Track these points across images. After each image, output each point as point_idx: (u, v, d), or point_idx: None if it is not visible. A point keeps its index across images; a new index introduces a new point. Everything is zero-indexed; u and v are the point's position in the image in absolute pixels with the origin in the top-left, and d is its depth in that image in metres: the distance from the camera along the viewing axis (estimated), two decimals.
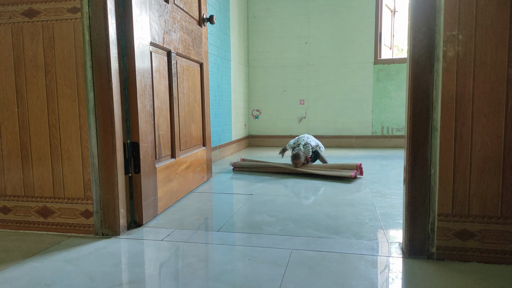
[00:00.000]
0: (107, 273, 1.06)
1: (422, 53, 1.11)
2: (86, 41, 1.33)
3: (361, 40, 4.31)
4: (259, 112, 4.67)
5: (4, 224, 1.46)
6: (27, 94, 1.39)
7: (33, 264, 1.14)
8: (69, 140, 1.38)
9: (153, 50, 1.60)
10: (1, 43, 1.38)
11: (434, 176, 1.12)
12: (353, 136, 4.43)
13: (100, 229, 1.39)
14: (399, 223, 1.49)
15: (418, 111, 1.12)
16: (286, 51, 4.52)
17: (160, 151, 1.68)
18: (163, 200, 1.70)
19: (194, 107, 2.15)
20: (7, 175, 1.44)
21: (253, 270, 1.07)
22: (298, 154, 2.68)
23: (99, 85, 1.34)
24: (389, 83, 4.30)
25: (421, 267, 1.09)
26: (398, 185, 2.22)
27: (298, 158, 2.65)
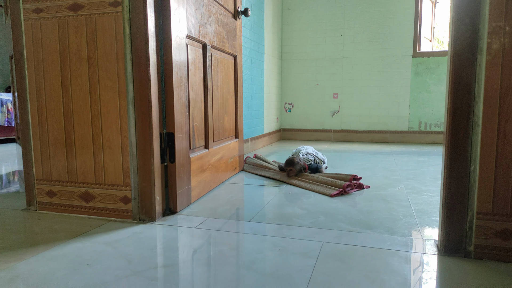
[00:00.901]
0: (143, 256, 1.11)
1: (464, 46, 1.06)
2: (127, 34, 1.38)
3: (400, 32, 4.18)
4: (292, 106, 4.65)
5: (50, 207, 1.56)
6: (72, 86, 1.47)
7: (76, 244, 1.21)
8: (110, 129, 1.44)
9: (189, 43, 1.64)
10: (49, 37, 1.46)
11: (473, 173, 1.08)
12: (388, 131, 4.32)
13: (137, 214, 1.45)
14: (435, 221, 1.45)
15: (458, 106, 1.08)
16: (320, 44, 4.46)
17: (194, 141, 1.72)
18: (196, 190, 1.74)
19: (227, 100, 2.18)
20: (53, 161, 1.53)
21: (284, 260, 1.08)
22: (292, 160, 2.21)
23: (138, 77, 1.39)
24: (428, 76, 4.14)
25: (457, 265, 1.06)
26: (435, 182, 2.15)
27: (291, 165, 2.20)
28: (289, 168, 2.20)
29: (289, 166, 2.21)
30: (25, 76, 1.51)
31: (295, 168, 2.19)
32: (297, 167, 2.21)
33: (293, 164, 2.20)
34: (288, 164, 2.22)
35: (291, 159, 2.24)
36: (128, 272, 1.01)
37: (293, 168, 2.19)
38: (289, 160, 2.23)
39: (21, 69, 1.52)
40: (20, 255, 1.13)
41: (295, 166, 2.20)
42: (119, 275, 0.99)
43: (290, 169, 2.20)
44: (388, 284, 0.95)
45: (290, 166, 2.20)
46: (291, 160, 2.22)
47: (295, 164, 2.20)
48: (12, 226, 1.39)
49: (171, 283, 0.95)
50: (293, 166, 2.20)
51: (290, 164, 2.21)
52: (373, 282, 0.96)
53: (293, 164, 2.20)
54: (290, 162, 2.22)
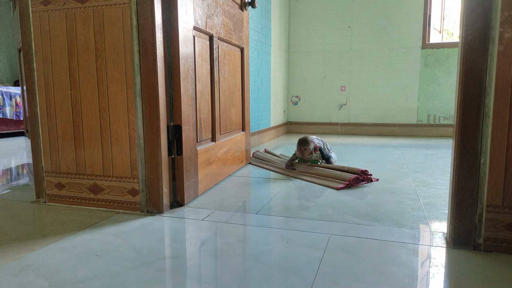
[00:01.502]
0: (151, 248, 1.12)
1: (475, 36, 1.04)
2: (134, 26, 1.38)
3: (408, 24, 4.12)
4: (299, 99, 4.63)
5: (59, 199, 1.57)
6: (79, 78, 1.47)
7: (85, 236, 1.22)
8: (118, 122, 1.45)
9: (196, 35, 1.63)
10: (56, 29, 1.47)
11: (483, 166, 1.07)
12: (396, 124, 4.29)
13: (145, 206, 1.46)
14: (444, 213, 1.44)
15: (469, 97, 1.06)
16: (327, 35, 4.42)
17: (201, 134, 1.72)
18: (203, 182, 1.75)
19: (234, 92, 2.17)
20: (61, 153, 1.55)
21: (291, 252, 1.08)
22: (306, 139, 2.15)
23: (146, 69, 1.39)
24: (437, 68, 4.09)
25: (466, 257, 1.05)
26: (444, 175, 2.13)
27: (305, 144, 2.14)
28: (304, 147, 2.14)
29: (304, 146, 2.14)
30: (33, 68, 1.52)
31: (309, 148, 2.13)
32: (311, 146, 2.14)
33: (307, 143, 2.13)
34: (302, 143, 2.15)
35: (304, 138, 2.16)
36: (137, 263, 1.02)
37: (307, 148, 2.13)
38: (303, 139, 2.15)
39: (29, 61, 1.52)
40: (31, 246, 1.14)
41: (309, 145, 2.13)
42: (128, 266, 1.00)
43: (304, 149, 2.13)
44: (396, 276, 0.94)
45: (305, 146, 2.13)
46: (305, 139, 2.14)
47: (309, 143, 2.13)
48: (22, 218, 1.41)
49: (179, 274, 0.96)
50: (308, 145, 2.13)
51: (304, 143, 2.14)
52: (381, 274, 0.95)
53: (307, 143, 2.13)
54: (304, 141, 2.14)
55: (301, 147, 2.15)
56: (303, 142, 2.15)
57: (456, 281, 0.92)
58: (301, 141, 2.16)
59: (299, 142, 2.17)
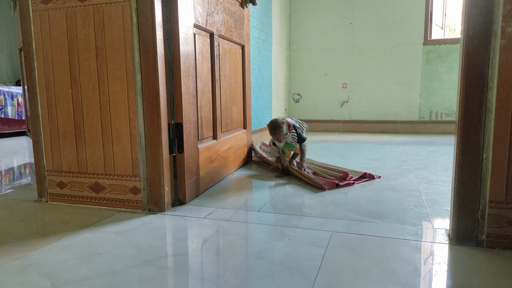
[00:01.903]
0: (153, 246, 1.12)
1: (477, 30, 1.04)
2: (134, 24, 1.37)
3: (410, 20, 4.10)
4: (300, 96, 4.62)
5: (61, 198, 1.58)
6: (80, 77, 1.47)
7: (87, 234, 1.22)
8: (119, 120, 1.44)
9: (196, 32, 1.62)
10: (57, 28, 1.46)
11: (486, 161, 1.06)
12: (398, 121, 4.28)
13: (147, 205, 1.46)
14: (446, 210, 1.43)
15: (471, 92, 1.05)
16: (329, 32, 4.40)
17: (202, 132, 1.72)
18: (205, 180, 1.75)
19: (235, 90, 2.17)
20: (63, 152, 1.55)
21: (293, 250, 1.08)
22: (276, 123, 1.94)
23: (146, 67, 1.39)
24: (439, 65, 4.07)
25: (469, 254, 1.04)
26: (446, 172, 2.12)
27: (277, 128, 1.93)
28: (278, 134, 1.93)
29: (276, 132, 1.93)
30: (34, 68, 1.52)
31: (283, 131, 1.94)
32: (284, 129, 1.94)
33: (279, 127, 1.92)
34: (273, 129, 1.93)
35: (274, 121, 1.95)
36: (139, 261, 1.02)
37: (281, 132, 1.93)
38: (274, 123, 1.93)
39: (30, 61, 1.52)
40: (33, 245, 1.14)
41: (281, 128, 1.93)
42: (130, 264, 1.00)
43: (280, 134, 1.93)
44: (399, 272, 0.94)
45: (278, 131, 1.92)
46: (275, 122, 1.93)
47: (280, 126, 1.93)
48: (24, 217, 1.41)
49: (181, 272, 0.96)
50: (281, 130, 1.93)
51: (275, 129, 1.93)
52: (383, 270, 0.95)
53: (279, 128, 1.92)
54: (275, 125, 1.93)
55: (274, 134, 1.95)
56: (275, 127, 1.93)
57: (458, 277, 0.92)
58: (272, 127, 1.94)
59: (271, 128, 1.94)
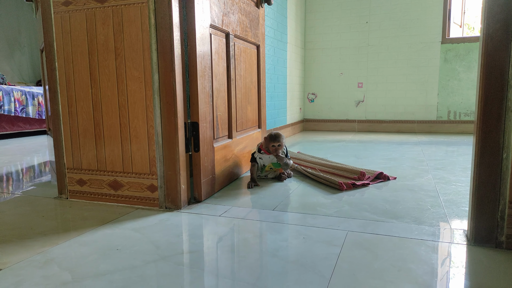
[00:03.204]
0: (170, 242, 1.14)
1: (498, 28, 1.02)
2: (152, 25, 1.40)
3: (428, 18, 4.04)
4: (315, 96, 4.61)
5: (80, 195, 1.62)
6: (99, 77, 1.50)
7: (105, 231, 1.25)
8: (137, 119, 1.47)
9: (212, 32, 1.64)
10: (77, 29, 1.50)
11: (506, 161, 1.04)
12: (416, 121, 4.22)
13: (163, 202, 1.48)
14: (465, 211, 1.41)
15: (490, 91, 1.04)
16: (344, 32, 4.37)
17: (217, 131, 1.74)
18: (220, 179, 1.76)
19: (250, 89, 2.18)
20: (83, 150, 1.58)
21: (308, 248, 1.08)
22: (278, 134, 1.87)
23: (163, 67, 1.41)
24: (458, 63, 4.00)
25: (488, 255, 1.03)
26: (465, 172, 2.08)
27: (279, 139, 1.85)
28: (278, 143, 1.85)
29: (277, 141, 1.85)
30: (55, 68, 1.56)
31: (283, 144, 1.87)
32: (283, 142, 1.87)
33: (281, 138, 1.86)
34: (275, 138, 1.85)
35: (276, 133, 1.87)
36: (156, 257, 1.04)
37: (281, 143, 1.86)
38: (276, 134, 1.86)
39: (51, 61, 1.57)
40: (54, 240, 1.18)
41: (283, 141, 1.86)
42: (147, 260, 1.02)
43: (279, 145, 1.85)
44: (415, 272, 0.93)
45: (279, 142, 1.85)
46: (279, 135, 1.86)
47: (283, 139, 1.87)
48: (46, 213, 1.45)
49: (197, 268, 0.97)
50: (281, 140, 1.86)
51: (277, 138, 1.85)
52: (400, 270, 0.94)
53: (281, 139, 1.86)
54: (279, 136, 1.86)
55: (275, 142, 1.85)
56: (277, 137, 1.85)
57: (476, 278, 0.91)
58: (274, 136, 1.85)
59: (272, 137, 1.85)
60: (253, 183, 1.85)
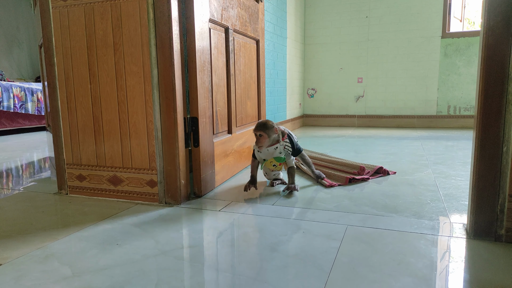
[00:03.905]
0: (170, 237, 1.14)
1: (498, 20, 1.01)
2: (151, 19, 1.39)
3: (428, 12, 4.02)
4: (315, 91, 4.60)
5: (80, 190, 1.62)
6: (98, 72, 1.50)
7: (105, 226, 1.25)
8: (136, 115, 1.47)
9: (211, 27, 1.63)
10: (76, 24, 1.49)
11: (506, 154, 1.04)
12: (415, 116, 4.21)
13: (163, 198, 1.48)
14: (464, 205, 1.41)
15: (491, 84, 1.03)
16: (344, 26, 4.35)
17: (217, 126, 1.73)
18: (220, 174, 1.76)
19: (250, 84, 2.17)
20: (82, 146, 1.58)
21: (308, 242, 1.08)
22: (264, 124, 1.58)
23: (162, 62, 1.40)
24: (458, 58, 3.99)
25: (487, 248, 1.03)
26: (465, 166, 2.08)
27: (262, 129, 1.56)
28: (259, 132, 1.56)
29: (259, 130, 1.56)
30: (54, 63, 1.56)
31: (267, 134, 1.56)
32: (270, 133, 1.56)
33: (265, 127, 1.56)
34: (258, 127, 1.57)
35: (263, 121, 1.59)
36: (156, 251, 1.04)
37: (263, 134, 1.56)
38: (261, 123, 1.57)
39: (50, 56, 1.56)
40: (54, 235, 1.18)
41: (267, 129, 1.56)
42: (147, 254, 1.02)
43: (260, 134, 1.56)
44: (415, 266, 0.93)
45: (261, 131, 1.56)
46: (263, 123, 1.57)
47: (268, 128, 1.56)
48: (45, 209, 1.46)
49: (197, 262, 0.97)
50: (265, 130, 1.55)
51: (260, 127, 1.56)
52: (399, 264, 0.95)
53: (265, 127, 1.56)
54: (262, 125, 1.56)
55: (256, 131, 1.57)
56: (260, 126, 1.57)
57: (476, 271, 0.91)
58: (259, 125, 1.57)
59: (258, 125, 1.58)
60: (251, 185, 1.62)
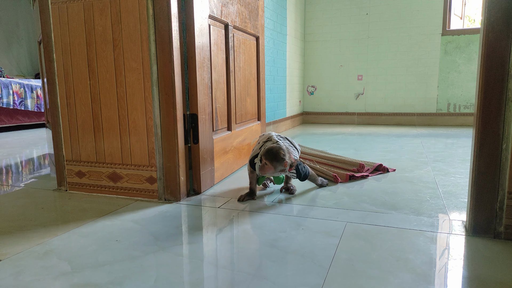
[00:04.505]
0: (169, 233, 1.14)
1: (499, 16, 1.01)
2: (150, 15, 1.38)
3: (428, 10, 4.01)
4: (314, 88, 4.59)
5: (79, 187, 1.61)
6: (98, 68, 1.49)
7: (105, 222, 1.25)
8: (135, 111, 1.47)
9: (211, 23, 1.63)
10: (75, 20, 1.49)
11: (505, 151, 1.04)
12: (415, 114, 4.21)
13: (163, 194, 1.48)
14: (463, 202, 1.41)
15: (491, 80, 1.03)
16: (344, 23, 4.34)
17: (217, 123, 1.73)
18: (220, 171, 1.76)
19: (249, 81, 2.17)
20: (81, 142, 1.58)
21: (307, 239, 1.09)
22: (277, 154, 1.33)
23: (162, 58, 1.40)
24: (458, 56, 3.98)
25: (486, 245, 1.03)
26: (464, 164, 2.08)
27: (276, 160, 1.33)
28: (272, 163, 1.33)
29: (268, 160, 1.33)
30: (53, 59, 1.55)
31: (274, 167, 1.33)
32: (277, 166, 1.33)
33: (275, 159, 1.32)
34: (271, 156, 1.33)
35: (275, 150, 1.34)
36: (155, 248, 1.04)
37: (270, 166, 1.33)
38: (272, 153, 1.33)
39: (49, 52, 1.56)
40: (53, 232, 1.18)
41: (276, 163, 1.33)
42: (147, 251, 1.03)
43: (266, 163, 1.34)
44: (414, 263, 0.93)
45: (269, 161, 1.33)
46: (275, 154, 1.33)
47: (277, 161, 1.32)
48: (45, 205, 1.45)
49: (196, 259, 0.97)
50: (272, 163, 1.33)
51: (270, 158, 1.33)
52: (398, 260, 0.95)
53: (274, 160, 1.32)
54: (272, 156, 1.33)
55: (268, 161, 1.33)
56: (270, 156, 1.33)
57: (475, 268, 0.91)
58: (271, 154, 1.33)
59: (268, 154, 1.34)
60: (248, 197, 1.47)
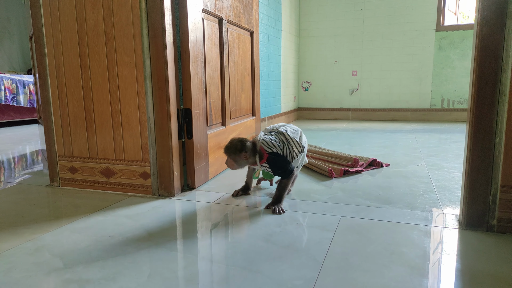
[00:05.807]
0: (163, 229, 1.13)
1: (492, 10, 1.01)
2: (143, 9, 1.37)
3: (423, 5, 4.01)
4: (309, 84, 4.59)
5: (72, 183, 1.60)
6: (90, 62, 1.48)
7: (98, 218, 1.24)
8: (128, 106, 1.45)
9: (205, 17, 1.61)
10: (66, 13, 1.47)
11: (498, 145, 1.04)
12: (409, 109, 4.22)
13: (156, 190, 1.47)
14: (457, 196, 1.42)
15: (484, 74, 1.03)
16: (339, 19, 4.34)
17: (211, 118, 1.72)
18: (214, 166, 1.75)
19: (244, 76, 2.16)
20: (74, 138, 1.56)
21: (301, 233, 1.08)
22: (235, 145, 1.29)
23: (155, 52, 1.39)
24: (452, 51, 3.99)
25: (479, 238, 1.04)
26: (458, 159, 2.09)
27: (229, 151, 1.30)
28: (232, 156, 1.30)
29: (226, 153, 1.31)
30: (44, 54, 1.53)
31: (233, 159, 1.30)
32: (236, 159, 1.29)
33: (229, 151, 1.29)
34: (224, 149, 1.32)
35: (232, 142, 1.30)
36: (149, 243, 1.04)
37: (228, 157, 1.31)
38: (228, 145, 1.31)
39: (40, 47, 1.53)
40: (45, 228, 1.17)
41: (232, 155, 1.29)
42: (141, 246, 1.02)
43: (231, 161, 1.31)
44: (408, 256, 0.94)
45: (225, 153, 1.31)
46: (229, 146, 1.30)
47: (232, 153, 1.29)
48: (37, 201, 1.44)
49: (190, 254, 0.97)
50: (229, 155, 1.30)
51: (225, 150, 1.31)
52: (392, 254, 0.95)
53: (229, 151, 1.29)
54: (227, 147, 1.30)
55: (225, 153, 1.31)
56: (226, 147, 1.31)
57: (468, 261, 0.91)
58: (227, 146, 1.31)
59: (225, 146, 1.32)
60: (242, 192, 1.46)
